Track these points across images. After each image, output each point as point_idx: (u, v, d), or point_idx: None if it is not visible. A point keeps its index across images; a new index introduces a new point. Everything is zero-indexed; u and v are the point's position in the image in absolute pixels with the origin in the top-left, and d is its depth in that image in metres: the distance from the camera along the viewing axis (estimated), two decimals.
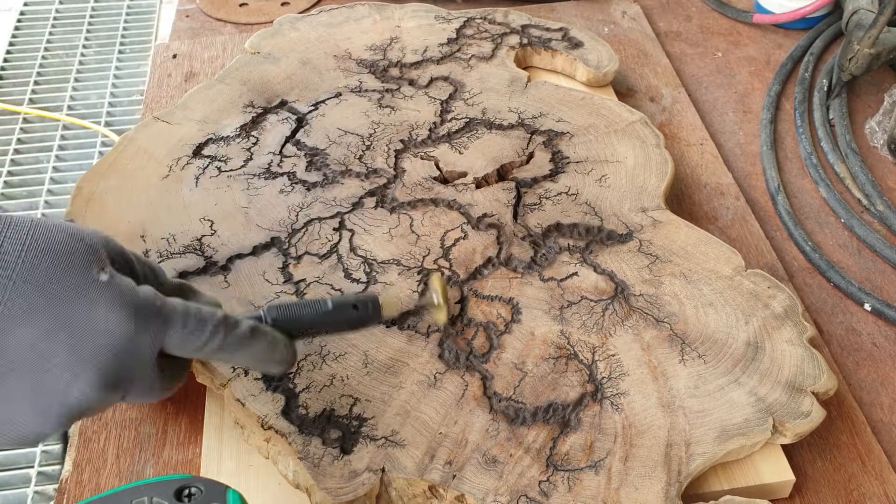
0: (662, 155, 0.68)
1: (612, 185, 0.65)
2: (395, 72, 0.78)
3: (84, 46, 1.26)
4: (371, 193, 0.65)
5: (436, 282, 0.50)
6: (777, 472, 0.51)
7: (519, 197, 0.65)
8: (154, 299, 0.39)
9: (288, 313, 0.46)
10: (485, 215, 0.63)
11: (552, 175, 0.67)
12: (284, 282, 0.58)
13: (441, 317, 0.50)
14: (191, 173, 0.67)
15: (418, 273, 0.59)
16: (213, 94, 0.75)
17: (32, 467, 0.88)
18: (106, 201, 0.64)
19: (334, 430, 0.50)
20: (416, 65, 0.78)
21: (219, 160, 0.68)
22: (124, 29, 1.29)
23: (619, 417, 0.51)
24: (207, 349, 0.41)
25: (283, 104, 0.74)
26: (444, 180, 0.67)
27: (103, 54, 1.24)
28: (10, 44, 1.27)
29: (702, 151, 0.76)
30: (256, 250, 0.61)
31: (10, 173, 1.00)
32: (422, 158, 0.68)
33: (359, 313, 0.47)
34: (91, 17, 1.33)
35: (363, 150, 0.69)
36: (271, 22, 0.86)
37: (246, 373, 0.52)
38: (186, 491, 0.41)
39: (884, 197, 0.70)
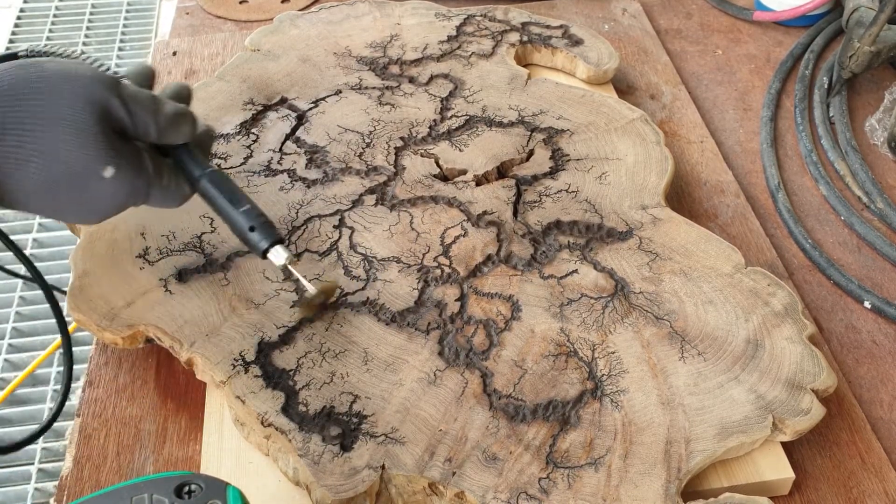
0: (662, 152, 0.68)
1: (612, 183, 0.65)
2: (395, 69, 0.78)
3: (84, 43, 1.26)
4: (371, 191, 0.65)
5: (329, 285, 0.56)
6: (777, 469, 0.51)
7: (519, 194, 0.65)
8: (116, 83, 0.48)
9: (219, 183, 0.52)
10: (485, 213, 0.63)
11: (552, 172, 0.67)
12: (284, 279, 0.58)
13: (300, 311, 0.55)
14: None
15: (418, 270, 0.59)
16: (213, 92, 0.75)
17: (33, 464, 0.89)
18: None
19: (334, 427, 0.50)
20: (417, 62, 0.78)
21: (219, 157, 0.68)
22: (124, 26, 1.29)
23: (619, 415, 0.51)
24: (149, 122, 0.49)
25: (283, 101, 0.74)
26: (444, 178, 0.67)
27: (103, 51, 1.24)
28: (10, 41, 1.26)
29: (702, 149, 0.76)
30: None
31: None
32: (422, 156, 0.68)
33: (250, 234, 0.52)
34: (91, 13, 1.33)
35: (363, 148, 0.69)
36: (271, 19, 0.86)
37: (246, 370, 0.53)
38: (186, 488, 0.41)
39: (884, 194, 0.70)
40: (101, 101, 0.47)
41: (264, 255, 0.52)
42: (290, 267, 0.53)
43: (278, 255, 0.52)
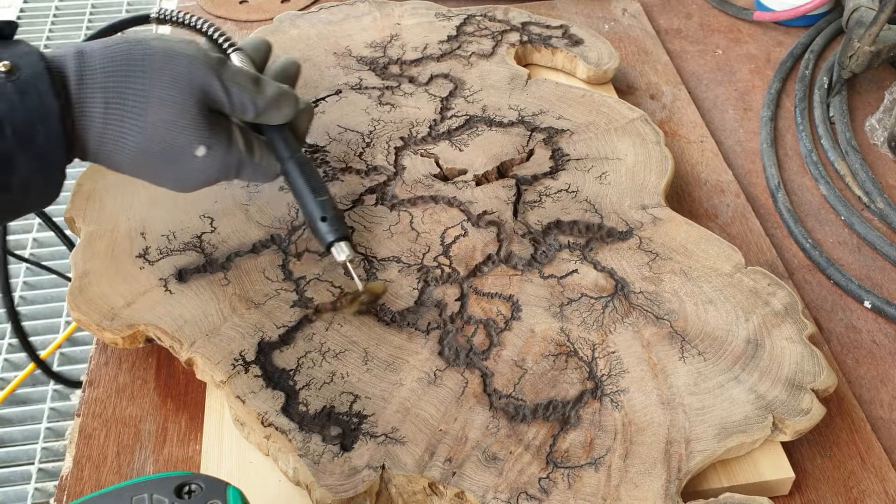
0: (662, 152, 0.68)
1: (613, 183, 0.65)
2: (395, 69, 0.78)
3: None
4: (371, 191, 0.65)
5: (379, 285, 0.57)
6: (777, 469, 0.51)
7: (519, 194, 0.65)
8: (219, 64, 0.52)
9: (304, 168, 0.55)
10: (485, 212, 0.63)
11: (552, 172, 0.67)
12: (284, 279, 0.58)
13: (343, 305, 0.56)
14: None
15: (418, 270, 0.59)
16: None
17: (33, 464, 0.89)
18: (106, 198, 0.64)
19: (334, 427, 0.50)
20: (417, 62, 0.78)
21: None
22: None
23: (619, 414, 0.51)
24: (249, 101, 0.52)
25: None
26: (444, 177, 0.67)
27: None
28: None
29: (702, 149, 0.76)
30: (256, 247, 0.61)
31: None
32: (422, 156, 0.68)
33: (321, 224, 0.54)
34: (91, 13, 1.33)
35: (363, 148, 0.69)
36: (271, 19, 0.86)
37: (246, 370, 0.53)
38: (187, 488, 0.41)
39: (884, 194, 0.70)
40: (200, 82, 0.50)
41: (328, 247, 0.54)
42: (349, 265, 0.54)
43: (341, 250, 0.54)
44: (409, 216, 0.63)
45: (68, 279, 0.59)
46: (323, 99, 0.74)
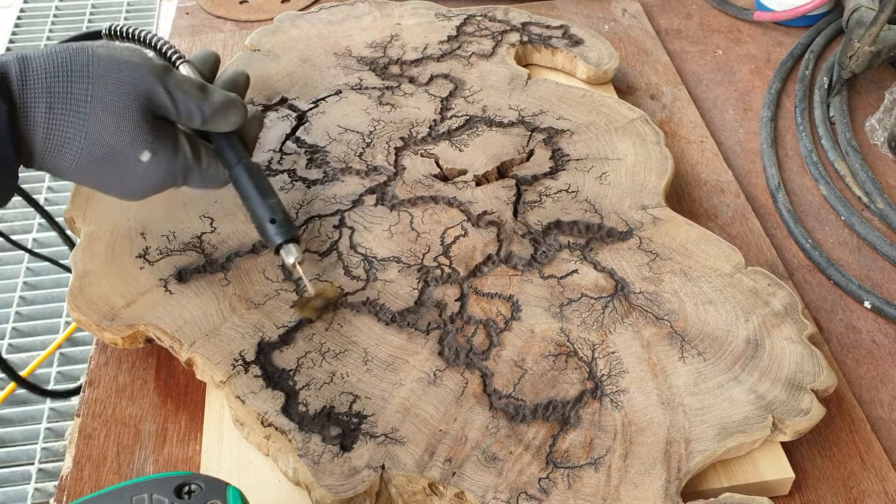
0: (662, 152, 0.68)
1: (613, 183, 0.65)
2: (395, 69, 0.78)
3: None
4: (371, 191, 0.65)
5: (330, 287, 0.57)
6: (777, 469, 0.51)
7: (519, 194, 0.65)
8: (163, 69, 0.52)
9: (252, 174, 0.55)
10: (485, 213, 0.63)
11: (552, 172, 0.67)
12: (284, 279, 0.58)
13: (306, 309, 0.56)
14: None
15: (418, 270, 0.59)
16: None
17: (33, 464, 0.89)
18: (105, 199, 0.64)
19: (334, 427, 0.50)
20: (417, 62, 0.78)
21: None
22: None
23: (619, 415, 0.51)
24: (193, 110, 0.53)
25: (283, 101, 0.74)
26: (444, 178, 0.67)
27: None
28: (11, 41, 1.27)
29: (702, 149, 0.76)
30: (256, 248, 0.61)
31: None
32: (422, 156, 0.68)
33: (270, 226, 0.54)
34: (91, 13, 1.33)
35: (363, 148, 0.69)
36: (271, 19, 0.86)
37: (246, 370, 0.53)
38: (186, 488, 0.41)
39: (884, 195, 0.70)
40: (144, 88, 0.51)
41: (278, 249, 0.54)
42: (298, 266, 0.54)
43: (290, 252, 0.54)
44: (409, 216, 0.63)
45: (68, 269, 0.59)
46: (323, 99, 0.74)
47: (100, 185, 0.53)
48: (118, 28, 0.60)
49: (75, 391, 0.56)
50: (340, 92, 0.75)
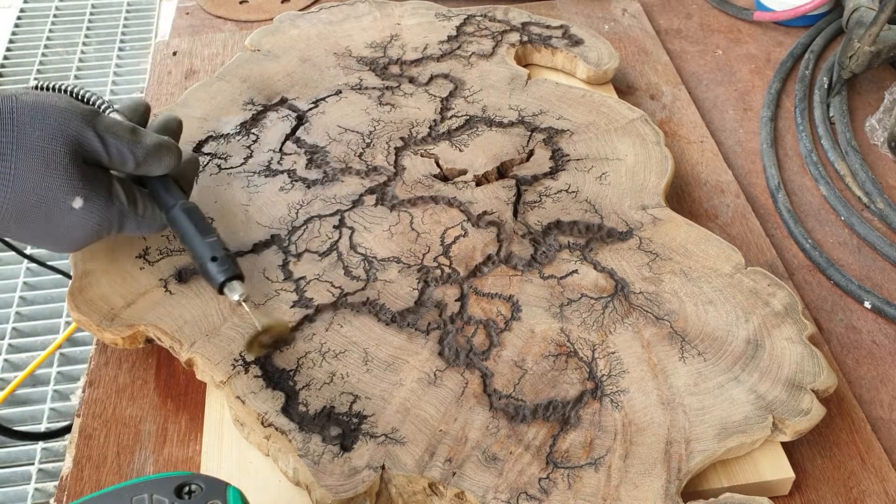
0: (662, 152, 0.68)
1: (613, 183, 0.65)
2: (395, 69, 0.78)
3: (84, 43, 1.26)
4: (371, 191, 0.65)
5: (277, 322, 0.54)
6: (777, 469, 0.51)
7: (519, 194, 0.65)
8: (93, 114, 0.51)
9: (191, 214, 0.54)
10: (485, 213, 0.63)
11: (552, 173, 0.67)
12: (284, 279, 0.58)
13: (250, 347, 0.53)
14: None
15: (418, 270, 0.59)
16: (213, 92, 0.75)
17: (33, 464, 0.89)
18: None
19: (334, 427, 0.50)
20: (417, 62, 0.78)
21: (219, 157, 0.68)
22: (124, 26, 1.29)
23: (619, 415, 0.51)
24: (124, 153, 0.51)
25: (283, 102, 0.74)
26: (444, 178, 0.67)
27: (103, 51, 1.24)
28: (10, 41, 1.27)
29: (702, 149, 0.76)
30: (256, 248, 0.61)
31: None
32: (422, 156, 0.68)
33: (211, 264, 0.53)
34: (91, 14, 1.33)
35: (363, 148, 0.69)
36: (271, 19, 0.86)
37: (246, 370, 0.53)
38: (187, 488, 0.41)
39: (884, 195, 0.70)
40: (72, 134, 0.49)
41: (221, 288, 0.53)
42: (244, 304, 0.53)
43: (233, 289, 0.53)
44: (409, 216, 0.63)
45: (68, 276, 0.59)
46: (323, 99, 0.74)
47: (32, 236, 0.51)
48: (42, 83, 0.58)
49: (44, 435, 0.55)
50: (340, 92, 0.75)
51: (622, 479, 0.48)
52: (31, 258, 0.68)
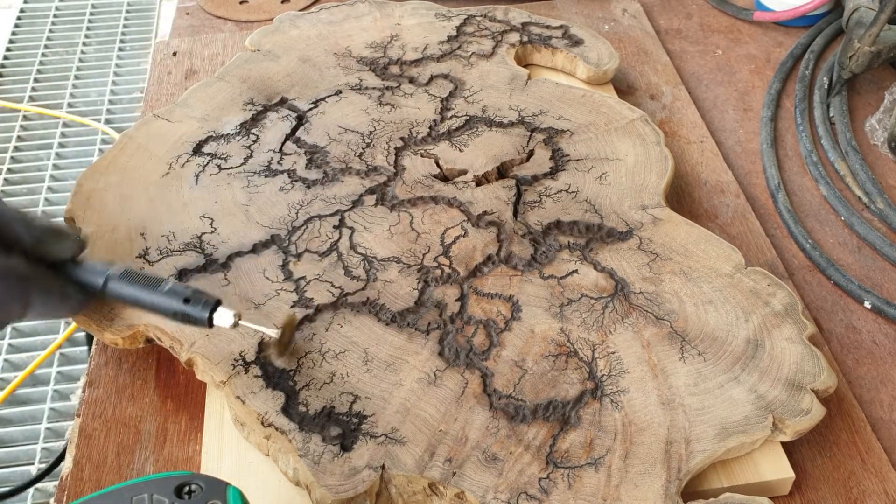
0: (662, 152, 0.68)
1: (613, 183, 0.65)
2: (395, 69, 0.78)
3: (84, 44, 1.26)
4: (371, 191, 0.65)
5: (287, 319, 0.52)
6: (777, 469, 0.51)
7: (519, 194, 0.65)
8: None
9: (131, 277, 0.49)
10: (485, 213, 0.63)
11: (552, 173, 0.67)
12: (285, 279, 0.58)
13: (276, 353, 0.52)
14: (191, 171, 0.67)
15: (418, 271, 0.59)
16: (213, 92, 0.75)
17: (33, 464, 0.89)
18: (106, 199, 0.64)
19: (334, 427, 0.50)
20: (417, 62, 0.78)
21: (219, 158, 0.68)
22: (124, 26, 1.29)
23: (619, 415, 0.51)
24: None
25: (283, 102, 0.74)
26: (444, 178, 0.67)
27: (103, 51, 1.24)
28: (10, 41, 1.27)
29: (702, 149, 0.76)
30: (257, 248, 0.61)
31: (10, 170, 1.00)
32: (422, 156, 0.68)
33: (188, 307, 0.49)
34: (91, 14, 1.33)
35: (363, 148, 0.69)
36: (271, 19, 0.86)
37: (246, 370, 0.53)
38: (187, 488, 0.41)
39: (884, 195, 0.70)
40: None
41: (210, 322, 0.49)
42: (242, 322, 0.50)
43: (224, 316, 0.49)
44: (409, 217, 0.63)
45: None
46: (323, 99, 0.74)
47: None
48: None
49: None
50: (340, 92, 0.75)
51: (622, 479, 0.48)
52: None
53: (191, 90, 0.75)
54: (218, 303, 0.50)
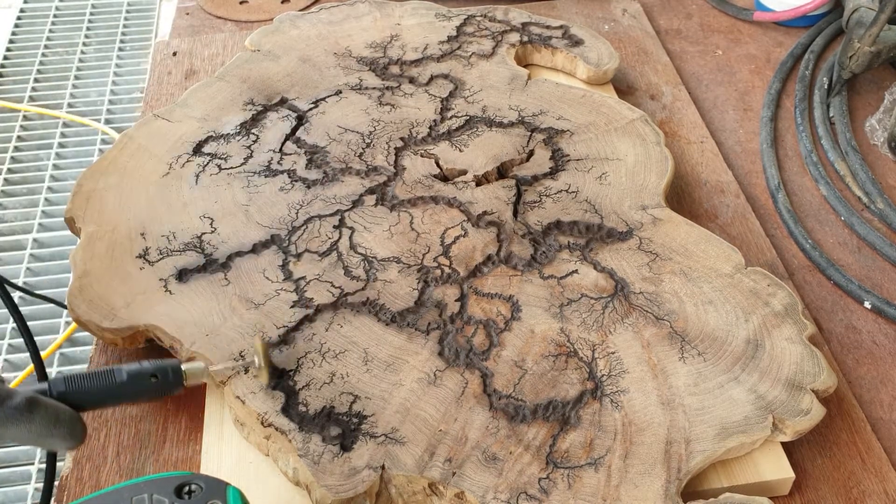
0: (662, 153, 0.68)
1: (613, 183, 0.65)
2: (395, 69, 0.78)
3: (84, 44, 1.26)
4: (371, 191, 0.65)
5: (258, 345, 0.52)
6: (777, 469, 0.51)
7: (519, 194, 0.65)
8: None
9: (76, 385, 0.45)
10: (485, 213, 0.63)
11: (552, 173, 0.67)
12: (284, 279, 0.58)
13: (263, 378, 0.52)
14: (191, 171, 0.67)
15: (418, 271, 0.59)
16: (213, 92, 0.75)
17: (33, 464, 0.89)
18: (106, 199, 0.64)
19: (334, 427, 0.50)
20: (417, 62, 0.78)
21: (219, 158, 0.68)
22: (124, 26, 1.29)
23: (619, 415, 0.51)
24: None
25: (283, 102, 0.74)
26: (444, 178, 0.67)
27: (103, 52, 1.24)
28: (10, 41, 1.27)
29: (702, 149, 0.76)
30: (256, 248, 0.61)
31: (10, 170, 1.00)
32: (422, 156, 0.68)
33: (158, 382, 0.47)
34: (91, 14, 1.34)
35: (363, 148, 0.69)
36: (271, 19, 0.86)
37: (246, 370, 0.53)
38: (187, 488, 0.41)
39: (884, 195, 0.70)
40: None
41: (183, 385, 0.48)
42: (212, 369, 0.50)
43: (193, 372, 0.48)
44: (409, 217, 0.63)
45: (64, 307, 0.58)
46: (323, 99, 0.74)
47: None
48: None
49: None
50: (340, 92, 0.75)
51: (622, 479, 0.48)
52: (20, 288, 0.67)
53: (191, 90, 0.75)
54: (177, 369, 0.48)
